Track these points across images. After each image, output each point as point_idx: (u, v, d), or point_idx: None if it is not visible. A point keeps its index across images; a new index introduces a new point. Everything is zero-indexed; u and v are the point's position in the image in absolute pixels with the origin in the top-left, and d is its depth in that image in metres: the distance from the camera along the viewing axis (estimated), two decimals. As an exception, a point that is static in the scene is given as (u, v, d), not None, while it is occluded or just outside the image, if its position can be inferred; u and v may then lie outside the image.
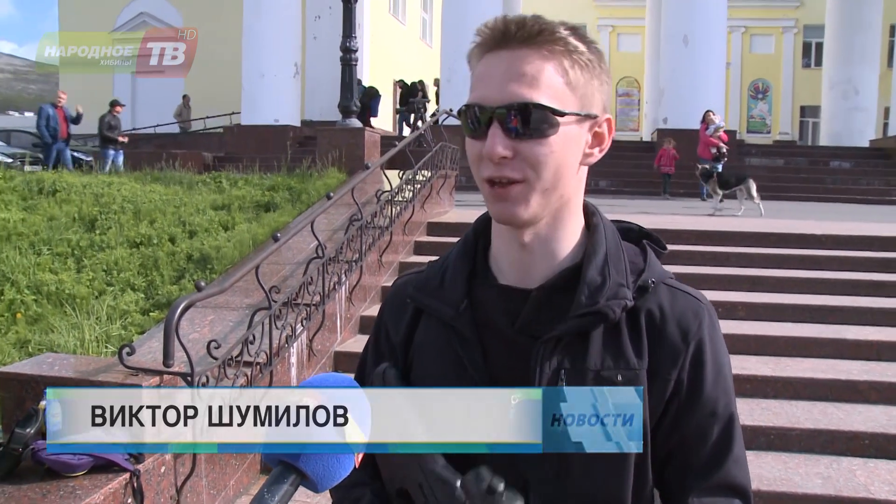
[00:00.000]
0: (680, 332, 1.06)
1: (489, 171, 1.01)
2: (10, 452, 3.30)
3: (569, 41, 1.02)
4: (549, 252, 1.09)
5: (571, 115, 1.01)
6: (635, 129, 33.00)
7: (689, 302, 1.10)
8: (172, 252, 7.02)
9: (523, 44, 1.00)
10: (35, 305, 5.98)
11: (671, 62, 17.79)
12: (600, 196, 14.66)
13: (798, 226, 9.14)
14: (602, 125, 1.08)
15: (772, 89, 34.05)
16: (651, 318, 1.07)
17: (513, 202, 1.01)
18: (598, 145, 1.09)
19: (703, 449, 1.06)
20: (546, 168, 1.00)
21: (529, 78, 0.99)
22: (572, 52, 1.02)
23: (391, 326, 1.20)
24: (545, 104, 0.99)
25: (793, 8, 33.70)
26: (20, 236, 7.38)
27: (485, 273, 1.14)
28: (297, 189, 9.27)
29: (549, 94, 0.99)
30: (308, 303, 5.44)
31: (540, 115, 0.99)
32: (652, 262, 1.12)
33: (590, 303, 1.04)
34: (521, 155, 0.99)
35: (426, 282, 1.17)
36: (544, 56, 1.00)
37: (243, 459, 4.48)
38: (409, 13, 32.11)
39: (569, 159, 1.03)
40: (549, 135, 1.00)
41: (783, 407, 5.18)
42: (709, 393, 1.06)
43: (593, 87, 1.04)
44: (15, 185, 9.30)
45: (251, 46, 19.60)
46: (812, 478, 4.42)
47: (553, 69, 1.00)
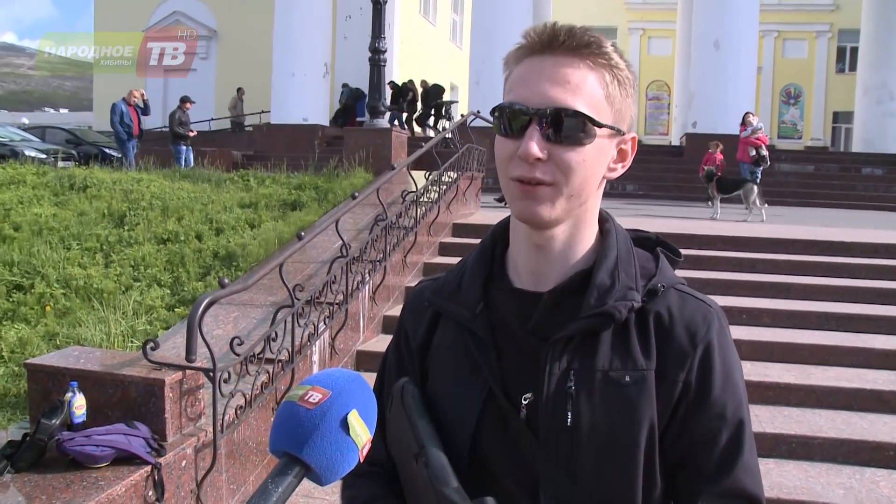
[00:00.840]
0: (688, 334, 1.07)
1: (520, 170, 1.02)
2: (35, 443, 3.37)
3: (612, 56, 1.04)
4: (564, 257, 1.11)
5: (607, 127, 1.03)
6: (664, 133, 32.80)
7: (699, 306, 1.11)
8: (199, 249, 7.09)
9: (570, 52, 1.02)
10: (64, 299, 6.07)
11: (702, 66, 17.69)
12: (627, 200, 14.62)
13: (826, 233, 9.03)
14: (627, 142, 1.10)
15: (804, 94, 33.63)
16: (660, 321, 1.08)
17: (538, 202, 1.03)
18: (622, 161, 1.11)
19: (712, 454, 1.06)
20: (576, 175, 1.02)
21: (573, 85, 1.01)
22: (614, 68, 1.04)
23: (410, 330, 1.23)
24: (585, 113, 1.01)
25: (827, 12, 33.26)
26: (51, 231, 7.50)
27: (501, 277, 1.16)
28: (323, 188, 9.32)
29: (589, 104, 1.02)
30: (331, 301, 5.48)
31: (578, 122, 1.01)
32: (664, 268, 1.13)
33: (598, 304, 1.06)
34: (554, 159, 1.01)
35: (444, 286, 1.20)
36: (590, 66, 1.03)
37: (263, 455, 4.52)
38: (440, 14, 32.17)
39: (597, 170, 1.06)
40: (584, 143, 1.02)
41: (805, 415, 5.12)
42: (717, 396, 1.06)
43: (627, 104, 1.07)
44: (47, 180, 9.45)
45: (281, 46, 19.75)
46: (834, 488, 4.37)
47: (596, 80, 1.03)
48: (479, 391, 1.09)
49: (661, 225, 9.28)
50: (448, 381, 1.13)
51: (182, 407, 3.78)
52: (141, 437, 3.48)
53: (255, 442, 4.42)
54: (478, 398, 1.09)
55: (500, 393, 1.07)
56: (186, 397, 3.80)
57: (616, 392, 1.04)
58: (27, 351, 5.19)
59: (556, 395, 1.04)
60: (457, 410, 1.10)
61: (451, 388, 1.12)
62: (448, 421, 1.10)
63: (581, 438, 1.03)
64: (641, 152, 15.57)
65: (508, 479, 1.07)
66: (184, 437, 3.74)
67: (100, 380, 3.70)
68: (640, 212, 11.98)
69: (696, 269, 7.39)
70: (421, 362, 1.19)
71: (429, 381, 1.17)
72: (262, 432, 4.50)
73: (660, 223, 9.56)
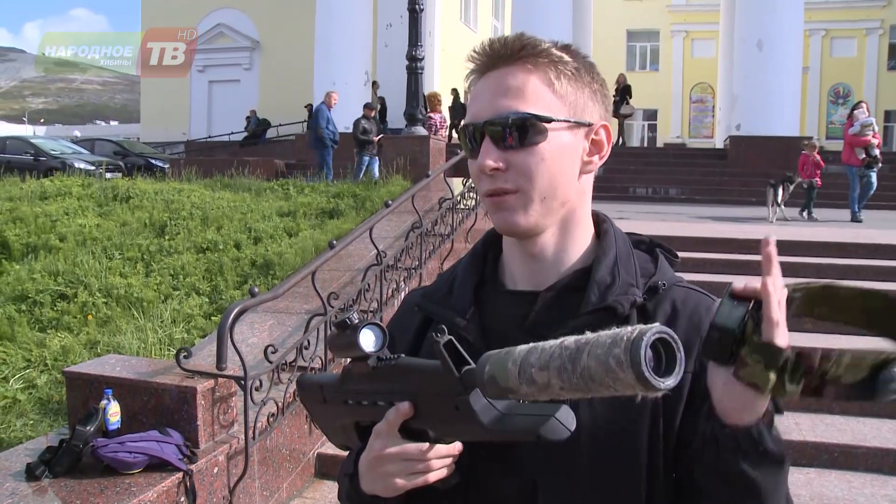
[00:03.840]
0: (692, 326, 1.05)
1: (486, 184, 1.04)
2: (71, 449, 3.44)
3: (552, 52, 1.04)
4: (559, 260, 1.10)
5: (560, 121, 1.03)
6: (709, 135, 32.32)
7: (702, 299, 1.09)
8: (237, 258, 7.19)
9: (508, 61, 1.04)
10: (105, 308, 6.20)
11: (745, 67, 17.39)
12: (669, 204, 14.44)
13: (872, 235, 8.82)
14: (599, 132, 1.08)
15: (853, 94, 32.87)
16: (664, 316, 1.06)
17: (510, 211, 1.03)
18: (598, 153, 1.09)
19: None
20: (539, 176, 1.02)
21: (515, 90, 1.02)
22: (557, 63, 1.04)
23: (398, 336, 1.21)
24: (530, 112, 1.01)
25: (878, 8, 32.48)
26: (94, 241, 7.68)
27: (493, 281, 1.15)
28: (361, 196, 9.39)
29: (535, 105, 1.01)
30: (365, 309, 5.50)
31: (525, 123, 1.01)
32: (663, 268, 1.12)
33: (599, 300, 1.04)
34: (513, 166, 1.02)
35: (434, 291, 1.19)
36: (528, 70, 1.03)
37: (297, 462, 4.55)
38: (481, 21, 32.19)
39: (564, 167, 1.05)
40: (538, 143, 1.01)
41: (849, 424, 4.99)
42: None
43: (584, 95, 1.06)
44: (92, 191, 9.68)
45: (323, 55, 19.94)
46: (879, 500, 4.24)
47: (538, 80, 1.03)
48: None
49: (702, 230, 9.14)
50: None
51: (214, 414, 3.82)
52: (173, 444, 3.54)
53: (289, 449, 4.45)
54: None
55: None
56: (218, 405, 3.85)
57: None
58: (69, 359, 5.32)
59: None
60: None
61: None
62: None
63: (581, 439, 1.00)
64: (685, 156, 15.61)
65: (507, 481, 1.05)
66: (216, 444, 3.79)
67: (134, 387, 3.77)
68: (682, 215, 11.83)
69: (737, 274, 7.24)
70: None
71: None
72: (294, 439, 4.54)
73: (699, 227, 9.42)
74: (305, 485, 4.62)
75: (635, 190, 15.70)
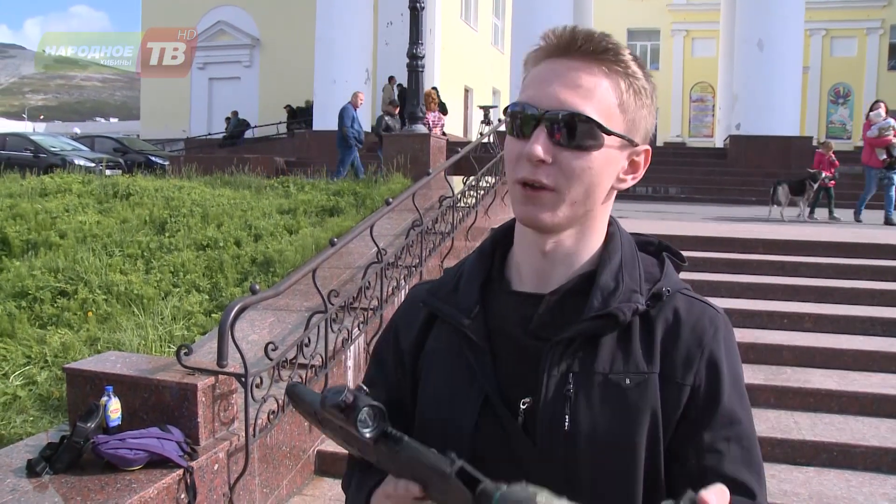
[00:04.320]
0: (695, 337, 1.05)
1: (524, 172, 1.02)
2: (72, 445, 3.45)
3: (630, 65, 1.03)
4: (569, 262, 1.10)
5: (616, 135, 1.02)
6: (709, 135, 32.35)
7: (705, 310, 1.09)
8: (237, 255, 7.18)
9: (586, 57, 1.01)
10: (105, 305, 6.20)
11: (745, 67, 17.40)
12: (670, 203, 14.45)
13: (872, 235, 8.82)
14: (640, 154, 1.08)
15: (853, 94, 32.89)
16: (665, 325, 1.06)
17: (540, 207, 1.02)
18: (633, 173, 1.10)
19: (723, 460, 1.04)
20: (579, 182, 1.01)
21: (585, 90, 1.00)
22: (631, 76, 1.03)
23: (402, 331, 1.21)
24: (594, 118, 0.99)
25: (879, 8, 32.48)
26: (95, 238, 7.67)
27: (500, 280, 1.15)
28: (361, 194, 9.38)
29: (600, 111, 1.00)
30: (366, 307, 5.50)
31: (587, 128, 0.99)
32: (669, 273, 1.11)
33: (602, 306, 1.04)
34: (558, 163, 1.00)
35: (440, 287, 1.18)
36: (604, 72, 1.02)
37: (297, 459, 4.55)
38: (481, 19, 32.17)
39: (603, 179, 1.04)
40: (591, 150, 1.00)
41: (848, 422, 4.99)
42: (726, 402, 1.05)
43: (642, 114, 1.05)
44: (92, 188, 9.68)
45: (323, 53, 19.94)
46: (877, 498, 4.25)
47: (610, 87, 1.02)
48: (475, 396, 1.07)
49: (702, 229, 9.14)
50: (443, 386, 1.11)
51: (215, 411, 3.83)
52: (174, 440, 3.54)
53: (289, 446, 4.46)
54: (474, 403, 1.07)
55: (497, 398, 1.05)
56: (219, 402, 3.85)
57: (616, 395, 1.02)
58: (69, 355, 5.32)
59: (554, 399, 1.02)
60: (453, 416, 1.08)
61: (447, 393, 1.10)
62: (444, 426, 1.08)
63: (579, 443, 1.01)
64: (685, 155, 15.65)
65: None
66: (216, 441, 3.79)
67: (135, 384, 3.77)
68: (682, 214, 11.83)
69: (736, 273, 7.28)
70: (412, 364, 1.17)
71: (422, 384, 1.15)
72: (295, 437, 4.54)
73: (700, 227, 9.42)
74: (305, 482, 4.62)
75: (635, 188, 15.60)
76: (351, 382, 5.33)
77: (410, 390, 1.17)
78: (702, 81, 33.70)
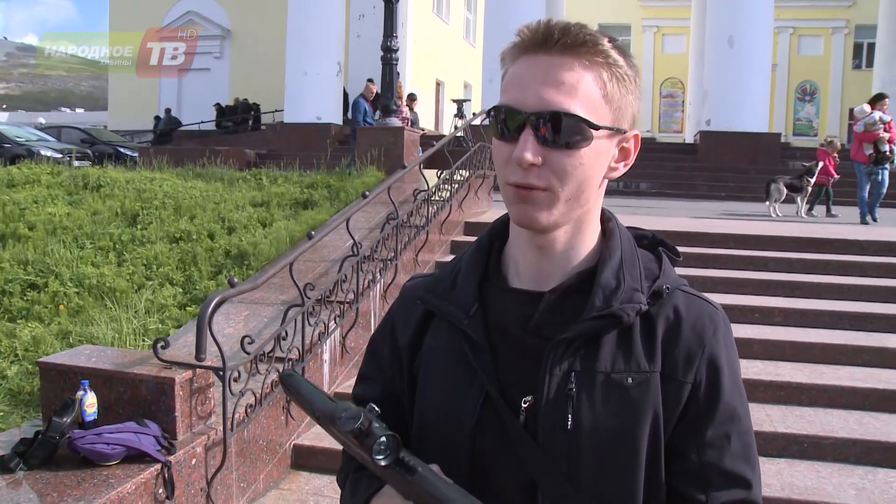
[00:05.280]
0: (695, 335, 1.06)
1: (515, 175, 1.00)
2: (47, 440, 3.40)
3: (610, 54, 1.01)
4: (566, 258, 1.09)
5: (605, 129, 1.01)
6: (678, 130, 32.65)
7: (705, 307, 1.10)
8: (211, 248, 7.11)
9: (565, 51, 0.99)
10: (77, 298, 6.10)
11: (715, 63, 17.59)
12: (640, 198, 14.55)
13: (840, 231, 8.97)
14: (629, 140, 1.08)
15: (819, 91, 33.37)
16: (666, 323, 1.07)
17: (535, 207, 1.01)
18: (624, 160, 1.09)
19: (724, 455, 1.05)
20: (572, 180, 1.00)
21: (568, 87, 0.98)
22: (612, 65, 1.01)
23: (399, 328, 1.20)
24: (581, 116, 0.98)
25: (844, 8, 32.95)
26: (65, 230, 7.55)
27: (497, 276, 1.14)
28: (335, 187, 9.33)
29: (585, 106, 0.99)
30: (342, 300, 5.49)
31: (574, 126, 0.98)
32: (667, 269, 1.12)
33: (604, 305, 1.04)
34: (549, 164, 0.99)
35: (437, 283, 1.17)
36: (585, 66, 0.99)
37: (273, 453, 4.54)
38: (453, 12, 32.16)
39: (595, 173, 1.03)
40: (580, 147, 0.99)
41: (818, 415, 5.08)
42: (727, 398, 1.06)
43: (627, 101, 1.04)
44: (62, 180, 9.52)
45: (295, 44, 19.81)
46: (846, 488, 4.33)
47: (592, 80, 1.00)
48: (475, 394, 1.07)
49: (674, 224, 9.23)
50: (443, 384, 1.10)
51: (192, 405, 3.80)
52: (151, 435, 3.51)
53: (266, 440, 4.44)
54: (474, 401, 1.06)
55: (498, 396, 1.05)
56: (196, 396, 3.82)
57: (618, 394, 1.02)
58: (41, 349, 5.23)
59: (556, 398, 1.02)
60: (453, 414, 1.08)
61: (447, 392, 1.10)
62: (445, 424, 1.08)
63: (581, 441, 1.01)
64: (655, 150, 15.77)
65: (506, 482, 1.05)
66: (194, 436, 3.76)
67: (111, 378, 3.73)
68: (653, 210, 11.93)
69: (707, 268, 7.36)
70: (409, 361, 1.17)
71: (421, 382, 1.14)
72: (271, 430, 4.52)
73: (671, 222, 9.51)
74: (282, 476, 4.60)
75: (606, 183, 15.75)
76: (327, 376, 5.32)
77: (408, 387, 1.17)
78: (671, 77, 33.94)
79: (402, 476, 0.95)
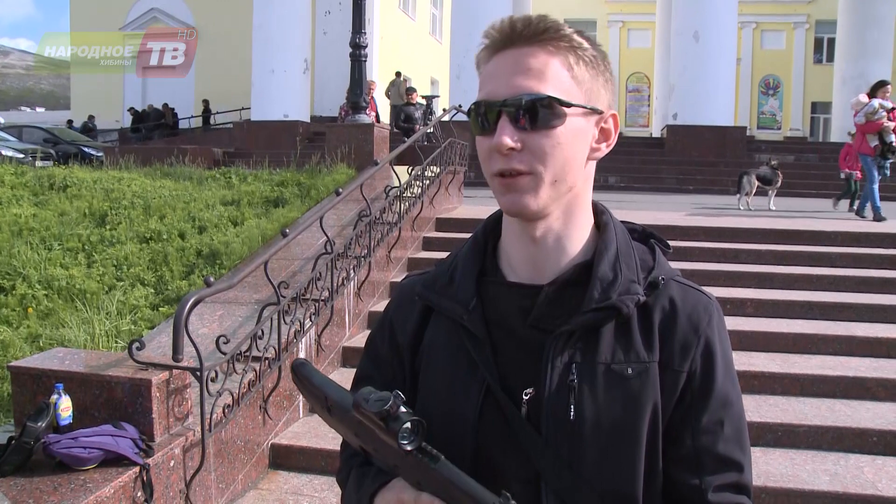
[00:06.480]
0: (691, 325, 1.08)
1: (498, 164, 1.02)
2: (21, 446, 3.33)
3: (573, 38, 1.04)
4: (561, 248, 1.10)
5: (577, 107, 1.03)
6: (645, 125, 32.94)
7: (700, 298, 1.12)
8: (182, 247, 7.03)
9: (529, 41, 1.02)
10: (46, 300, 5.99)
11: (681, 58, 17.74)
12: (609, 192, 14.65)
13: (808, 223, 9.11)
14: (608, 121, 1.10)
15: (783, 85, 33.87)
16: (662, 313, 1.08)
17: (521, 193, 1.03)
18: (605, 140, 1.11)
19: (716, 443, 1.07)
20: (553, 160, 1.02)
21: (536, 72, 1.01)
22: (577, 49, 1.04)
23: (398, 326, 1.21)
24: (552, 95, 1.00)
25: (804, 3, 33.50)
26: (31, 231, 7.41)
27: (494, 271, 1.15)
28: (306, 185, 9.27)
29: (555, 87, 1.01)
30: (317, 298, 5.47)
31: (547, 106, 1.00)
32: (661, 261, 1.14)
33: (603, 297, 1.05)
34: (528, 147, 1.01)
35: (434, 280, 1.18)
36: (550, 52, 1.02)
37: (251, 454, 4.50)
38: (419, 9, 32.12)
39: (576, 152, 1.05)
40: (555, 126, 1.01)
41: (791, 403, 5.17)
42: (720, 386, 1.08)
43: (598, 83, 1.06)
44: (26, 180, 9.35)
45: (261, 42, 19.61)
46: (819, 474, 4.41)
47: (559, 64, 1.02)
48: (477, 388, 1.08)
49: (644, 217, 9.30)
50: (445, 379, 1.12)
51: (169, 407, 3.75)
52: (128, 437, 3.46)
53: (244, 440, 4.40)
54: (476, 395, 1.07)
55: (499, 389, 1.06)
56: (173, 397, 3.78)
57: (618, 385, 1.04)
58: (9, 353, 5.13)
59: (558, 390, 1.03)
60: (456, 407, 1.09)
61: (449, 385, 1.11)
62: (448, 418, 1.09)
63: (584, 432, 1.03)
64: (623, 144, 15.73)
65: (509, 473, 1.06)
66: (172, 437, 3.72)
67: (85, 381, 3.67)
68: (622, 203, 12.01)
69: (677, 260, 7.42)
70: (411, 359, 1.18)
71: (422, 378, 1.15)
72: (249, 430, 4.49)
73: (642, 216, 9.59)
74: (260, 476, 4.57)
75: (576, 179, 15.84)
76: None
77: (409, 384, 1.17)
78: (637, 72, 34.23)
79: (424, 464, 0.94)
